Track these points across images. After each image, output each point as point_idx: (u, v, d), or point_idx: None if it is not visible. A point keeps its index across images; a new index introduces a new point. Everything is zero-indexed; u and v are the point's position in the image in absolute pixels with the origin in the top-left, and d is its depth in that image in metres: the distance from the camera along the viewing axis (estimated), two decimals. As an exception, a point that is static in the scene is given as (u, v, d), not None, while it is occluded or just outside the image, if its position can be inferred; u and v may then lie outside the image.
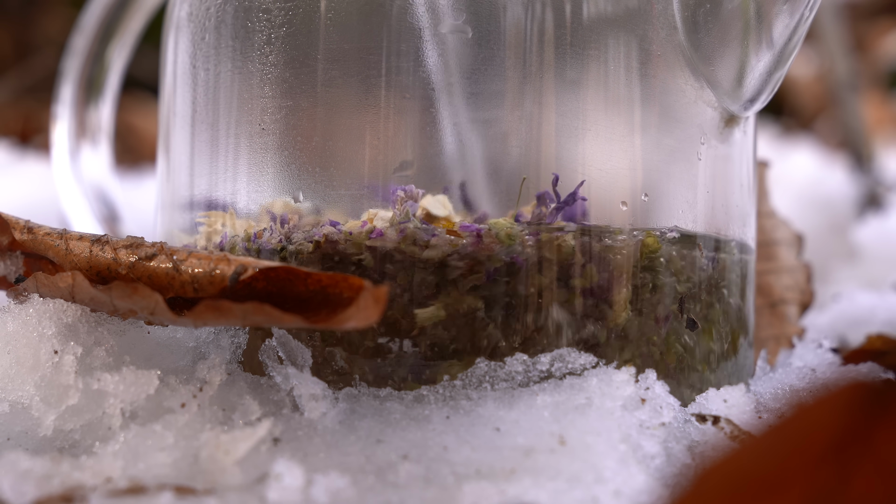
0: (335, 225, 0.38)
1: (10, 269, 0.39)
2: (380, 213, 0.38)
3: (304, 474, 0.31)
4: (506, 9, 0.39)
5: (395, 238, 0.37)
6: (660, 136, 0.40)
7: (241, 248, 0.40)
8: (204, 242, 0.42)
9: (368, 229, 0.38)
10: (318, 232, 0.38)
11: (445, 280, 0.37)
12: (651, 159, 0.40)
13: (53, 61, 0.93)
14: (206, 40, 0.42)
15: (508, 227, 0.37)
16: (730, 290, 0.42)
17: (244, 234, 0.40)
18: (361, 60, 0.39)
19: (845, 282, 0.73)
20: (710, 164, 0.41)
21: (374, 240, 0.37)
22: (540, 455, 0.32)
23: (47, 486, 0.31)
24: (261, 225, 0.40)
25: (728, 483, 0.23)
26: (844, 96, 0.86)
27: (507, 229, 0.37)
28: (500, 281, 0.37)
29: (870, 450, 0.22)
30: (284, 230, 0.39)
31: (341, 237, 0.38)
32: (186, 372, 0.36)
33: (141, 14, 0.58)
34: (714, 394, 0.39)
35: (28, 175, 0.84)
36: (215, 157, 0.42)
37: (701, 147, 0.41)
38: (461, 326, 0.37)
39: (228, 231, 0.41)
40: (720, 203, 0.42)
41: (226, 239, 0.41)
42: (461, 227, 0.37)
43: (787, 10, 0.39)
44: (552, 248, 0.38)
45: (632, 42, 0.40)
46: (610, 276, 0.38)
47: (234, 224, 0.41)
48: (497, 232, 0.37)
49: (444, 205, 0.38)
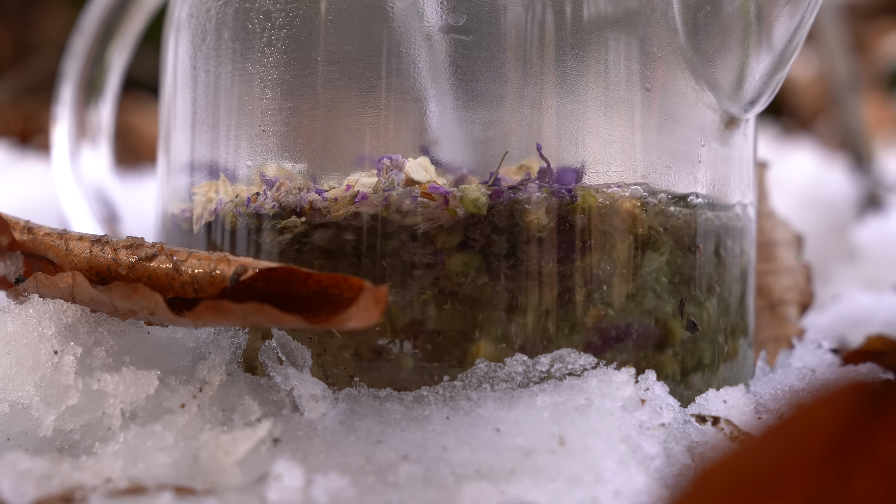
0: (320, 193, 0.38)
1: (10, 270, 0.39)
2: (361, 178, 0.38)
3: (303, 475, 0.31)
4: (506, 11, 0.39)
5: (378, 204, 0.38)
6: (660, 138, 0.40)
7: (235, 213, 0.40)
8: (200, 210, 0.42)
9: (352, 193, 0.38)
10: (305, 198, 0.38)
11: (421, 241, 0.37)
12: (651, 161, 0.40)
13: (53, 61, 0.93)
14: (207, 42, 0.42)
15: (476, 193, 0.37)
16: (730, 287, 0.42)
17: (238, 199, 0.40)
18: (362, 62, 0.39)
19: (845, 282, 0.73)
20: (711, 165, 0.41)
21: (358, 204, 0.38)
22: (540, 456, 0.32)
23: (47, 487, 0.31)
24: (253, 189, 0.40)
25: (728, 483, 0.23)
26: (844, 97, 0.86)
27: (474, 194, 0.37)
28: (472, 244, 0.37)
29: (869, 450, 0.22)
30: (277, 193, 0.39)
31: (325, 205, 0.38)
32: (186, 372, 0.36)
33: (141, 15, 0.58)
34: (714, 394, 0.39)
35: (28, 175, 0.84)
36: (216, 158, 0.42)
37: (701, 149, 0.41)
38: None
39: (223, 198, 0.41)
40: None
41: (220, 205, 0.41)
42: (430, 188, 0.38)
43: (787, 12, 0.39)
44: (519, 214, 0.38)
45: (632, 44, 0.40)
46: (581, 242, 0.38)
47: (227, 190, 0.41)
48: (463, 195, 0.37)
49: (425, 168, 0.38)
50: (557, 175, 0.38)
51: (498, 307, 0.37)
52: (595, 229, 0.38)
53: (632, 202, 0.39)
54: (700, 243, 0.40)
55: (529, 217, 0.38)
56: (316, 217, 0.38)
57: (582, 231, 0.38)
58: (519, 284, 0.38)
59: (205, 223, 0.41)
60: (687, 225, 0.40)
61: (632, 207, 0.38)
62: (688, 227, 0.40)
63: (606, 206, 0.38)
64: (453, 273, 0.37)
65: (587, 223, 0.38)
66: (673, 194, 0.40)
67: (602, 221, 0.38)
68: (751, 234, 0.44)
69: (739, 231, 0.43)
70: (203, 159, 0.43)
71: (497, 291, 0.37)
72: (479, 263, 0.37)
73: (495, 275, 0.37)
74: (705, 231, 0.41)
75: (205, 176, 0.42)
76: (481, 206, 0.37)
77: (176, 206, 0.44)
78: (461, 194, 0.37)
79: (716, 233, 0.41)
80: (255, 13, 0.41)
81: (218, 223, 0.41)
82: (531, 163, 0.39)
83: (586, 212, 0.38)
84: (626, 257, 0.39)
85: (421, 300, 0.37)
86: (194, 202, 0.42)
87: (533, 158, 0.39)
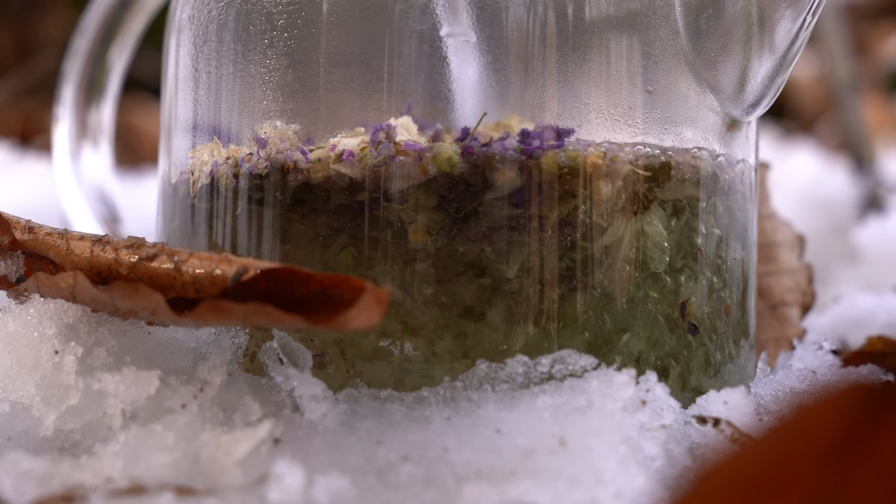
0: (304, 153, 0.39)
1: (11, 269, 0.39)
2: (343, 140, 0.38)
3: (304, 475, 0.31)
4: (508, 13, 0.39)
5: (359, 162, 0.38)
6: (661, 140, 0.40)
7: (229, 174, 0.40)
8: (196, 175, 0.42)
9: (338, 153, 0.38)
10: (290, 157, 0.39)
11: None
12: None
13: (54, 62, 0.93)
14: (208, 43, 0.42)
15: (449, 151, 0.37)
16: (732, 288, 0.42)
17: (231, 161, 0.40)
18: (363, 64, 0.39)
19: (846, 283, 0.73)
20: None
21: (343, 163, 0.38)
22: (540, 456, 0.32)
23: (48, 486, 0.31)
24: (246, 150, 0.40)
25: (729, 485, 0.23)
26: (845, 98, 0.86)
27: (447, 153, 0.37)
28: (444, 203, 0.37)
29: (870, 451, 0.22)
30: (267, 153, 0.39)
31: (309, 165, 0.38)
32: (187, 372, 0.36)
33: (142, 15, 0.58)
34: (714, 395, 0.39)
35: (29, 175, 0.84)
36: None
37: (703, 152, 0.41)
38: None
39: (218, 160, 0.41)
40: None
41: (216, 168, 0.41)
42: (405, 144, 0.38)
43: (789, 15, 0.39)
44: (490, 172, 0.38)
45: (634, 47, 0.40)
46: (551, 201, 0.38)
47: (220, 152, 0.41)
48: (436, 154, 0.37)
49: (407, 129, 0.38)
50: (536, 135, 0.38)
51: (467, 267, 0.37)
52: (567, 187, 0.38)
53: (597, 156, 0.38)
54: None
55: (499, 175, 0.38)
56: (300, 176, 0.38)
57: (554, 189, 0.38)
58: (493, 244, 0.38)
59: (201, 186, 0.42)
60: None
61: (597, 160, 0.38)
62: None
63: (579, 163, 0.38)
64: (423, 230, 0.37)
65: (560, 182, 0.38)
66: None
67: (576, 180, 0.38)
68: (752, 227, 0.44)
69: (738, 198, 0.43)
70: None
71: (466, 249, 0.37)
72: (447, 221, 0.37)
73: (464, 233, 0.37)
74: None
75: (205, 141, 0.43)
76: (453, 164, 0.37)
77: (175, 174, 0.44)
78: (435, 152, 0.37)
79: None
80: (257, 14, 0.41)
81: (214, 186, 0.41)
82: (511, 121, 0.39)
83: (562, 170, 0.38)
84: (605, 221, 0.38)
85: (402, 260, 0.37)
86: (191, 165, 0.42)
87: (514, 116, 0.39)
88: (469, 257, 0.38)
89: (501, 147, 0.38)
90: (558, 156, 0.38)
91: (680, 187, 0.40)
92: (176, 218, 0.43)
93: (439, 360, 0.37)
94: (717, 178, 0.41)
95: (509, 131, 0.38)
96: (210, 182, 0.41)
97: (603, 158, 0.39)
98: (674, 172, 0.40)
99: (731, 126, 0.42)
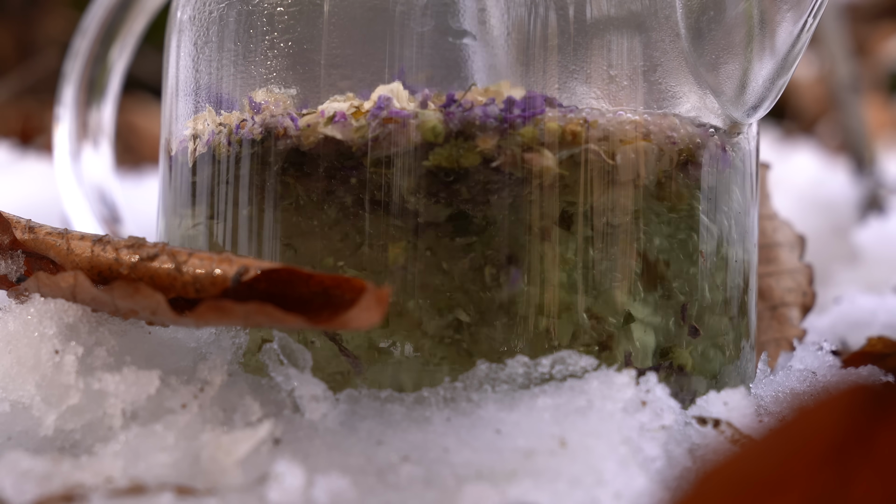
0: (294, 120, 0.39)
1: (12, 269, 0.39)
2: (332, 104, 0.39)
3: (304, 475, 0.31)
4: (509, 13, 0.39)
5: (349, 126, 0.38)
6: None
7: (224, 142, 0.40)
8: (193, 145, 0.42)
9: (329, 116, 0.38)
10: (281, 122, 0.39)
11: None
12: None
13: (55, 61, 0.93)
14: (209, 44, 0.42)
15: (433, 120, 0.37)
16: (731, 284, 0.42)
17: (227, 128, 0.40)
18: (364, 65, 0.39)
19: (846, 284, 0.73)
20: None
21: (334, 125, 0.38)
22: (540, 457, 0.32)
23: (48, 486, 0.31)
24: (241, 116, 0.40)
25: (729, 486, 0.23)
26: (846, 99, 0.86)
27: (432, 122, 0.37)
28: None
29: (870, 453, 0.22)
30: (261, 118, 0.39)
31: (298, 132, 0.38)
32: (187, 372, 0.36)
33: (143, 16, 0.58)
34: (714, 396, 0.39)
35: (29, 175, 0.84)
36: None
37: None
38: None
39: (213, 128, 0.41)
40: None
41: (213, 136, 0.41)
42: (392, 112, 0.38)
43: (790, 17, 0.39)
44: (471, 137, 0.38)
45: (635, 48, 0.40)
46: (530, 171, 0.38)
47: (215, 120, 0.41)
48: (422, 122, 0.37)
49: (398, 95, 0.38)
50: (520, 103, 0.38)
51: (454, 232, 0.37)
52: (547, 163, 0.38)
53: (577, 123, 0.38)
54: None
55: (479, 143, 0.38)
56: (289, 142, 0.39)
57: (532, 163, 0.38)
58: (478, 209, 0.38)
59: (198, 155, 0.42)
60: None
61: (577, 128, 0.38)
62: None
63: (562, 132, 0.38)
64: (411, 194, 0.37)
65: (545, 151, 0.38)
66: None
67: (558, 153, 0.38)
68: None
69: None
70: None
71: (453, 212, 0.37)
72: (435, 186, 0.37)
73: (452, 196, 0.37)
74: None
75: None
76: (438, 133, 0.37)
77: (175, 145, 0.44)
78: (420, 121, 0.37)
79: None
80: (257, 16, 0.41)
81: (210, 154, 0.41)
82: (501, 87, 0.39)
83: (546, 138, 0.38)
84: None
85: (393, 224, 0.38)
86: (189, 132, 0.43)
87: (505, 82, 0.39)
88: (455, 220, 0.37)
89: (483, 113, 0.38)
90: (538, 126, 0.38)
91: (677, 181, 0.40)
92: (175, 193, 0.43)
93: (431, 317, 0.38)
94: (717, 178, 0.41)
95: (496, 98, 0.38)
96: (207, 151, 0.41)
97: (584, 128, 0.38)
98: (671, 157, 0.40)
99: (732, 128, 0.42)
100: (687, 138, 0.40)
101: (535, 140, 0.38)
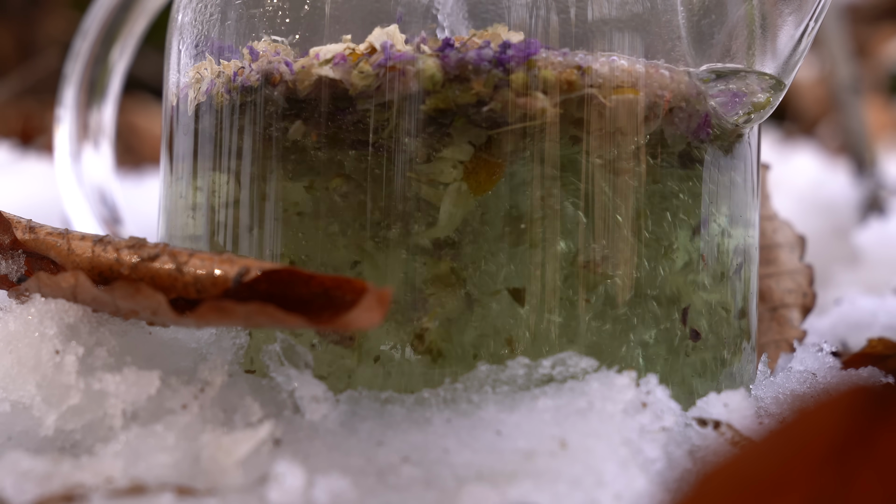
0: (289, 65, 0.39)
1: (12, 269, 0.39)
2: (328, 46, 0.39)
3: (305, 475, 0.31)
4: (510, 13, 0.39)
5: (347, 68, 0.38)
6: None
7: (223, 90, 0.40)
8: (193, 95, 0.42)
9: (327, 58, 0.38)
10: (276, 68, 0.39)
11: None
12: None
13: (55, 62, 0.93)
14: (209, 45, 0.42)
15: (433, 68, 0.37)
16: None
17: (225, 76, 0.40)
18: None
19: (846, 286, 0.73)
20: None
21: (334, 67, 0.38)
22: (541, 458, 0.32)
23: (48, 486, 0.31)
24: (239, 64, 0.40)
25: (729, 487, 0.23)
26: (846, 100, 0.86)
27: (431, 69, 0.37)
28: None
29: (870, 454, 0.23)
30: (259, 66, 0.39)
31: (293, 77, 0.38)
32: (188, 373, 0.36)
33: (143, 17, 0.58)
34: (715, 398, 0.39)
35: (30, 175, 0.84)
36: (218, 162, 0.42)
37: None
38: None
39: (212, 77, 0.41)
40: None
41: (213, 86, 0.41)
42: (395, 56, 0.38)
43: (791, 20, 0.39)
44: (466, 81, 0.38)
45: (636, 51, 0.40)
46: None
47: (213, 68, 0.41)
48: (420, 70, 0.37)
49: (394, 38, 0.38)
50: (516, 47, 0.38)
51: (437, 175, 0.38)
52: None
53: (570, 71, 0.38)
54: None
55: (474, 86, 0.37)
56: (286, 87, 0.39)
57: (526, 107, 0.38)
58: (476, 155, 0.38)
59: (197, 105, 0.42)
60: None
61: (571, 76, 0.38)
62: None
63: (550, 78, 0.38)
64: (409, 135, 0.37)
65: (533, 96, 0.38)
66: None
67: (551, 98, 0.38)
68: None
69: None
70: (206, 164, 0.43)
71: (450, 154, 0.37)
72: (434, 129, 0.37)
73: (449, 138, 0.37)
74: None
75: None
76: (436, 81, 0.37)
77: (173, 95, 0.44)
78: (418, 69, 0.37)
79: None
80: (258, 18, 0.41)
81: (209, 104, 0.41)
82: (499, 30, 0.38)
83: (532, 82, 0.38)
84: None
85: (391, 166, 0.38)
86: (189, 80, 0.43)
87: (502, 26, 0.39)
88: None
89: (477, 56, 0.38)
90: (530, 71, 0.38)
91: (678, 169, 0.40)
92: (179, 145, 0.43)
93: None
94: (716, 177, 0.41)
95: (491, 40, 0.38)
96: (207, 100, 0.41)
97: (579, 76, 0.38)
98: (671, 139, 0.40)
99: (733, 130, 0.42)
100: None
101: (529, 84, 0.38)
